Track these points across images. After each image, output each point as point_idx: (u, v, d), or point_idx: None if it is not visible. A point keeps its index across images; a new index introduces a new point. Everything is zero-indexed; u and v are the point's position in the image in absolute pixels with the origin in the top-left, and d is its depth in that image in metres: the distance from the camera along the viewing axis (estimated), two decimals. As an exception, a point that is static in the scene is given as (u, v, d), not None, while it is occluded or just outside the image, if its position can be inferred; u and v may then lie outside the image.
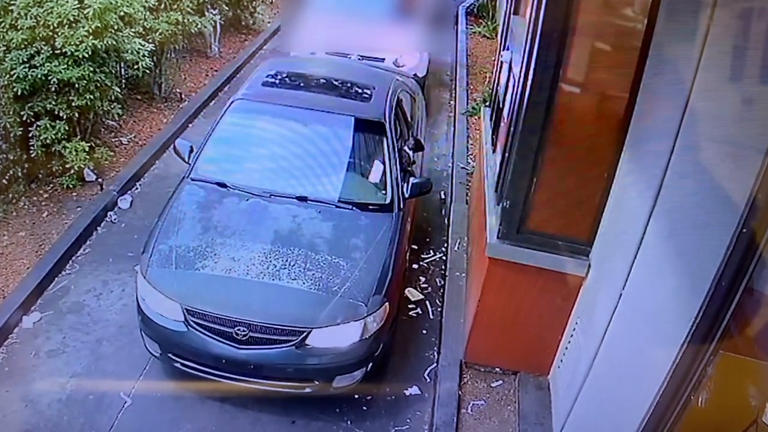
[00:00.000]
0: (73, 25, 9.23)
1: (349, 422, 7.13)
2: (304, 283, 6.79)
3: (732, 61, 4.50)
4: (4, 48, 9.29)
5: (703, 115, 4.67)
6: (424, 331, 8.40)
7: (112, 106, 10.07)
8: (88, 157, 9.75)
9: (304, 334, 6.57)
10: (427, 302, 8.86)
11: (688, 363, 4.10)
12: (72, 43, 9.14)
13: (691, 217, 4.63)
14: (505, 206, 6.67)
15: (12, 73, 9.10)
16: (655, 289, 4.96)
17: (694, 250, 4.46)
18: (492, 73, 12.66)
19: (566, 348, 6.94)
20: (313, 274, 6.87)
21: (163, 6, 12.18)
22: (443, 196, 11.20)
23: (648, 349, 4.91)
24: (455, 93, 15.33)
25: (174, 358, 6.90)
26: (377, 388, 7.46)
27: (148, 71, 11.14)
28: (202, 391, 7.11)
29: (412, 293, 8.89)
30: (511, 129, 6.97)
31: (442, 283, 9.20)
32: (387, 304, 6.93)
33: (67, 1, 9.18)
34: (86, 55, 9.24)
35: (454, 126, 13.67)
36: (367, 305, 6.75)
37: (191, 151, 8.16)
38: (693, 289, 4.14)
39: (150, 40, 11.17)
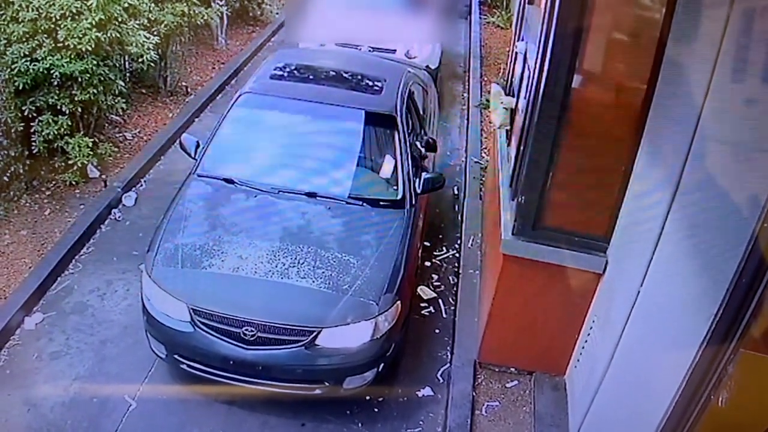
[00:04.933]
0: (76, 17, 9.28)
1: (360, 424, 7.15)
2: (313, 282, 6.81)
3: (752, 55, 4.50)
4: (5, 41, 9.33)
5: (722, 109, 4.67)
6: (437, 331, 8.42)
7: (116, 101, 10.11)
8: (91, 153, 9.79)
9: (314, 334, 6.59)
10: (440, 301, 8.87)
11: (708, 362, 4.09)
12: (75, 35, 9.19)
13: (710, 211, 4.63)
14: (521, 201, 6.68)
15: (13, 66, 9.14)
16: (674, 286, 4.97)
17: (714, 246, 4.46)
18: (506, 64, 12.66)
19: (583, 347, 6.94)
20: (323, 273, 6.89)
21: (168, -3, 12.25)
22: (456, 192, 11.22)
23: (667, 347, 4.92)
24: (468, 85, 15.34)
25: (180, 359, 6.93)
26: (389, 389, 7.47)
27: (153, 64, 11.16)
28: (209, 393, 7.14)
29: (425, 291, 8.90)
30: (526, 122, 6.99)
31: (456, 280, 9.22)
32: (399, 302, 6.95)
33: (70, -8, 9.23)
34: (89, 48, 9.28)
35: (468, 119, 13.67)
36: (379, 304, 6.77)
37: (197, 146, 8.21)
38: (713, 286, 4.13)
39: (155, 33, 11.22)
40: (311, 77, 9.43)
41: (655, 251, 5.42)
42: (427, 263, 9.46)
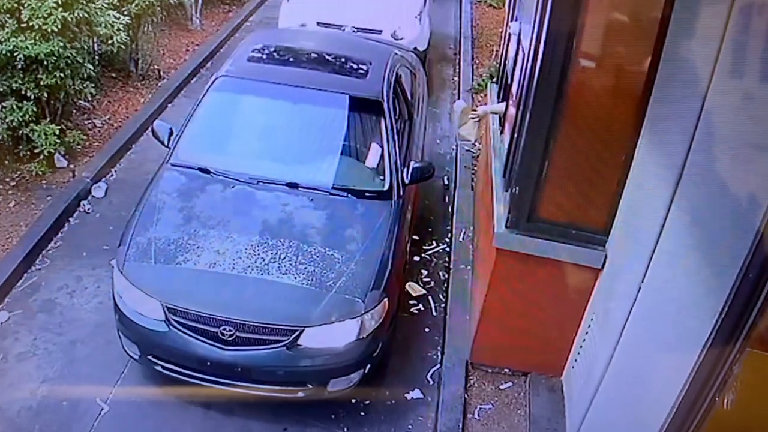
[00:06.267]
0: (41, -5, 9.22)
1: (345, 429, 7.16)
2: (295, 278, 6.81)
3: (759, 39, 4.51)
4: (-35, 22, 9.27)
5: (727, 96, 4.69)
6: (427, 329, 8.45)
7: (84, 85, 10.02)
8: (58, 141, 9.72)
9: (296, 333, 6.59)
10: (430, 298, 8.90)
11: (713, 361, 4.10)
12: (39, 15, 9.12)
13: (715, 203, 4.65)
14: (515, 192, 6.69)
15: (-26, 49, 9.07)
16: (677, 282, 4.98)
17: (719, 239, 4.47)
18: (499, 46, 12.67)
19: (581, 347, 6.97)
20: (306, 268, 6.89)
21: (139, -26, 12.19)
22: (447, 182, 11.25)
23: (669, 346, 4.94)
24: (459, 68, 15.36)
25: (154, 360, 6.93)
26: (376, 391, 7.49)
27: (123, 46, 11.11)
28: (185, 396, 7.14)
29: (414, 288, 8.93)
30: (521, 108, 6.99)
31: (446, 276, 9.25)
32: (386, 300, 6.96)
33: (34, -30, 9.16)
34: (55, 29, 9.21)
35: (459, 104, 13.65)
36: (365, 301, 6.77)
37: (171, 133, 8.16)
38: (718, 281, 4.15)
39: (125, 12, 11.20)
40: (292, 60, 9.43)
41: (656, 245, 5.43)
42: (416, 258, 9.49)
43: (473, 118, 9.38)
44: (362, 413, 7.34)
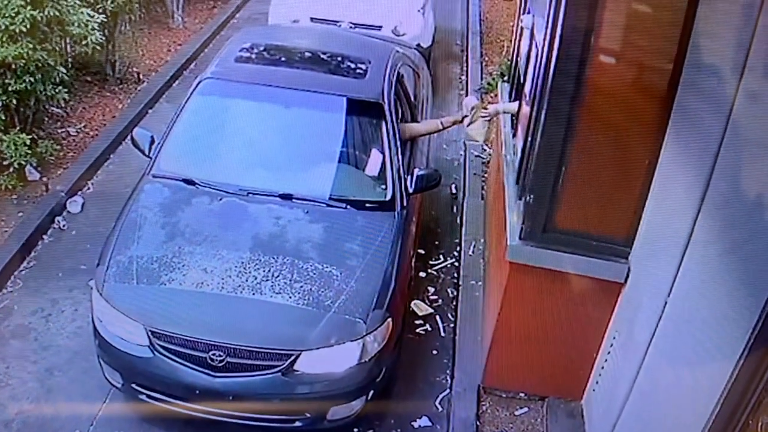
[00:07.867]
0: (7, -7, 9.25)
1: (347, 461, 7.19)
2: (290, 298, 6.82)
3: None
4: (-74, 23, 9.29)
5: (759, 91, 4.70)
6: (435, 352, 8.47)
7: (56, 91, 10.06)
8: (29, 151, 9.76)
9: (292, 358, 6.60)
10: (438, 317, 8.92)
11: (746, 381, 4.13)
12: (6, 14, 9.13)
13: (747, 207, 4.66)
14: (529, 201, 6.70)
15: (-64, 53, 9.09)
16: (707, 295, 5.00)
17: (752, 247, 4.48)
18: (511, 41, 12.72)
19: (602, 368, 6.99)
20: (301, 287, 6.90)
21: (115, -32, 12.23)
22: (454, 191, 11.29)
23: (698, 365, 4.95)
24: (467, 66, 15.41)
25: (138, 389, 6.93)
26: (380, 420, 7.51)
27: (98, 47, 11.13)
28: (172, 427, 7.15)
29: (420, 307, 8.95)
30: (535, 108, 7.00)
31: (455, 294, 9.27)
32: (390, 320, 6.97)
33: (0, -35, 9.18)
34: (24, 29, 9.23)
35: (467, 106, 13.67)
36: (367, 322, 6.78)
37: (152, 142, 8.18)
38: (751, 293, 4.17)
39: (100, 10, 11.22)
40: (283, 59, 9.46)
41: (684, 255, 5.44)
42: (422, 274, 9.50)
43: (483, 116, 9.39)
44: (366, 444, 7.37)
